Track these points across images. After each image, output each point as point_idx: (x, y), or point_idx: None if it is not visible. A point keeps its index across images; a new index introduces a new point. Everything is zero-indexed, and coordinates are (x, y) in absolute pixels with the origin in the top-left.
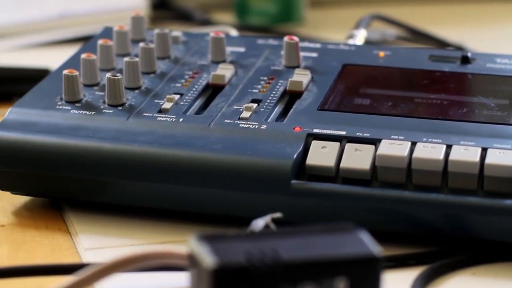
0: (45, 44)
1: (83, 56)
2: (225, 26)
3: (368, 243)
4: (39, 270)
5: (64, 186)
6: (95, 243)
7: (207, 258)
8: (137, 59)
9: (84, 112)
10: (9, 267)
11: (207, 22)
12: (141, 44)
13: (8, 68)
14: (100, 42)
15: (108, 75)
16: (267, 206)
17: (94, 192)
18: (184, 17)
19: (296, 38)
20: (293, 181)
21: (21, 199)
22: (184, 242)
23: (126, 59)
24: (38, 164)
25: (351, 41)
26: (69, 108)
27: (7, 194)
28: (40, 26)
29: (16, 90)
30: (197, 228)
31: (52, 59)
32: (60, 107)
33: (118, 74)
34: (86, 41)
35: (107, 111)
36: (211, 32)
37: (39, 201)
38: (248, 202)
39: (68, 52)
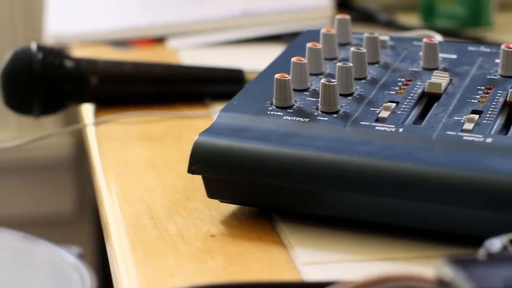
0: (228, 43)
1: (294, 59)
2: (428, 31)
3: None
4: (266, 287)
5: (275, 196)
6: (313, 257)
7: (464, 284)
8: (350, 64)
9: (297, 118)
10: (234, 283)
11: (391, 24)
12: (353, 48)
13: (200, 68)
14: (309, 45)
15: (323, 80)
16: (498, 225)
17: (307, 203)
18: (367, 18)
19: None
20: None
21: (229, 208)
22: (405, 260)
23: (339, 64)
24: (248, 172)
25: None
26: (281, 114)
27: (213, 202)
28: (223, 24)
29: (207, 91)
30: (416, 245)
31: (236, 58)
32: (272, 112)
33: (333, 80)
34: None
35: (322, 118)
36: (413, 35)
37: (247, 210)
38: (475, 220)
39: (253, 51)
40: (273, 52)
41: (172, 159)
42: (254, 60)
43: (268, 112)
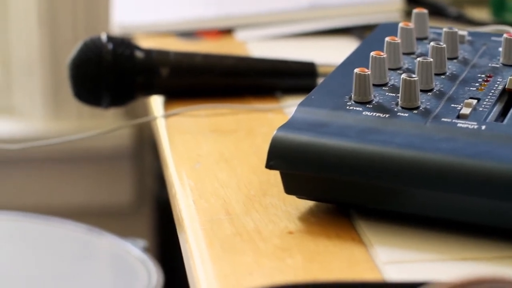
0: (295, 36)
1: (373, 54)
2: (502, 26)
3: None
4: (348, 286)
5: (354, 193)
6: (393, 256)
7: None
8: (430, 59)
9: (377, 114)
10: (316, 283)
11: (461, 18)
12: (432, 43)
13: (272, 60)
14: (388, 39)
15: (403, 76)
16: None
17: (386, 200)
18: (436, 12)
19: None
20: None
21: (305, 204)
22: (487, 260)
23: (419, 59)
24: (328, 168)
25: None
26: (361, 109)
27: (290, 198)
28: (290, 16)
29: (278, 84)
30: (497, 245)
31: (304, 51)
32: (351, 107)
33: (414, 76)
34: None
35: (402, 114)
36: (488, 30)
37: (324, 207)
38: None
39: (322, 44)
40: (341, 45)
41: (244, 153)
42: (323, 53)
43: (347, 107)
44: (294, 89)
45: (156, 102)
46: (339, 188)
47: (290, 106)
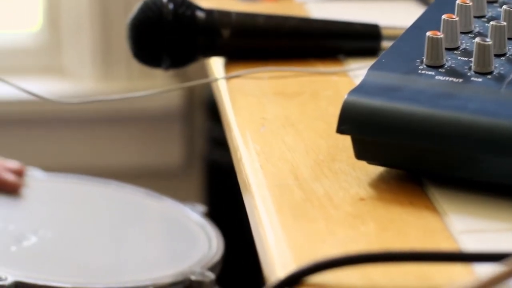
0: None
1: (445, 17)
2: None
3: None
4: (427, 257)
5: (427, 159)
6: (469, 225)
7: None
8: (504, 23)
9: (450, 79)
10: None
11: None
12: (505, 7)
13: (336, 22)
14: (459, 2)
15: (477, 40)
16: None
17: (460, 167)
18: None
19: None
20: None
21: (375, 170)
22: None
23: (492, 23)
24: (401, 133)
25: None
26: (433, 73)
27: (359, 163)
28: None
29: (342, 46)
30: None
31: (364, 12)
32: (423, 72)
33: (488, 40)
34: None
35: (476, 79)
36: None
37: (395, 173)
38: None
39: (381, 6)
40: (401, 7)
41: (310, 117)
42: (381, 15)
43: (419, 71)
44: (357, 51)
45: (216, 63)
46: (412, 154)
47: (354, 69)
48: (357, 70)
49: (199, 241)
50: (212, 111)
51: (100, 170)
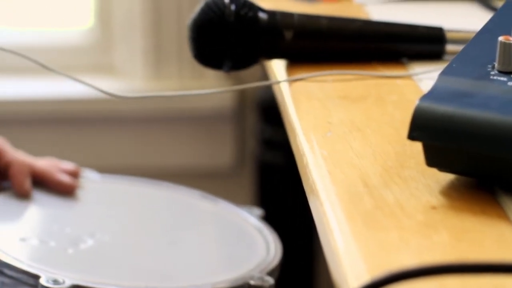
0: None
1: None
2: None
3: None
4: (505, 268)
5: (500, 167)
6: None
7: None
8: None
9: None
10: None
11: None
12: None
13: (399, 25)
14: None
15: None
16: None
17: None
18: None
19: None
20: None
21: (445, 177)
22: None
23: None
24: (471, 140)
25: None
26: (505, 79)
27: (429, 170)
28: None
29: (405, 50)
30: None
31: (424, 16)
32: (495, 77)
33: None
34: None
35: None
36: None
37: (466, 181)
38: None
39: (441, 10)
40: (462, 10)
41: (376, 121)
42: (442, 18)
43: (491, 77)
44: (421, 55)
45: (277, 66)
46: (484, 162)
47: (419, 74)
48: (422, 74)
49: (257, 245)
50: (264, 112)
51: (151, 170)
